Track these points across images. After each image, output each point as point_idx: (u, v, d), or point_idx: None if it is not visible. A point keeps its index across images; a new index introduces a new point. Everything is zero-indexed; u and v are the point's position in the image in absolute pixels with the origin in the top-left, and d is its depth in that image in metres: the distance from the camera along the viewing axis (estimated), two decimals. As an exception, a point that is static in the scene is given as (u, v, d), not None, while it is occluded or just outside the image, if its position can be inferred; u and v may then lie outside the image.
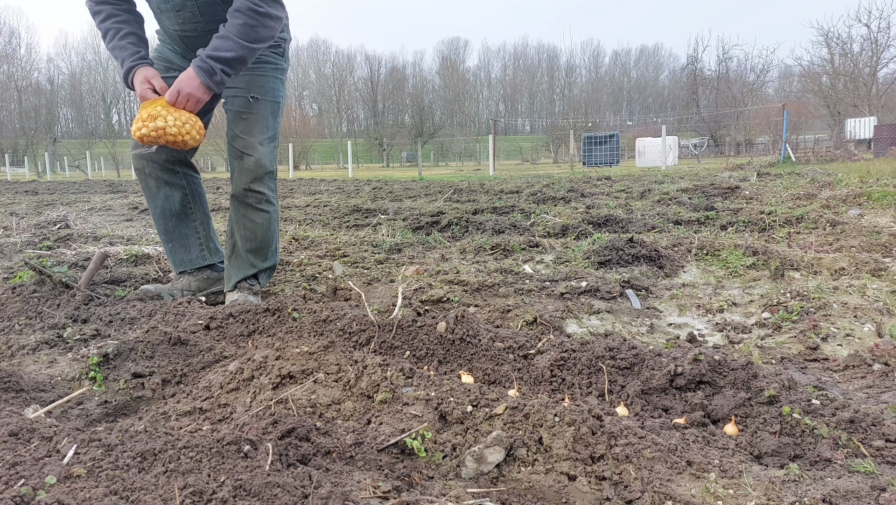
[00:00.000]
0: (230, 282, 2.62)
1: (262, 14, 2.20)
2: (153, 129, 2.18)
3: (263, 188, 2.52)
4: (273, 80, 2.55)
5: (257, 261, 2.61)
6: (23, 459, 1.07)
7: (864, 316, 2.30)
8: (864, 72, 38.68)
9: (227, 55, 2.19)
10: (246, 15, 2.18)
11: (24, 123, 53.22)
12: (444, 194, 8.43)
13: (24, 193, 13.04)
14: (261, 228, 2.57)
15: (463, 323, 1.90)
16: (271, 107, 2.52)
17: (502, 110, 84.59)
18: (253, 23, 2.19)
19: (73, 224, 5.51)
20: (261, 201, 2.54)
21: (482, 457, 1.22)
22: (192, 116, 2.26)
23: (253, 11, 2.18)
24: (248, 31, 2.19)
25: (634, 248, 3.34)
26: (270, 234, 2.61)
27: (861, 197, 5.62)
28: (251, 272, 2.60)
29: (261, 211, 2.55)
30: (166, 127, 2.18)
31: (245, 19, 2.18)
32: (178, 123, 2.19)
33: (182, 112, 2.23)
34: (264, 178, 2.52)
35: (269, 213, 2.57)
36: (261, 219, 2.56)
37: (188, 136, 2.23)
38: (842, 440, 1.34)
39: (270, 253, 2.65)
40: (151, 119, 2.18)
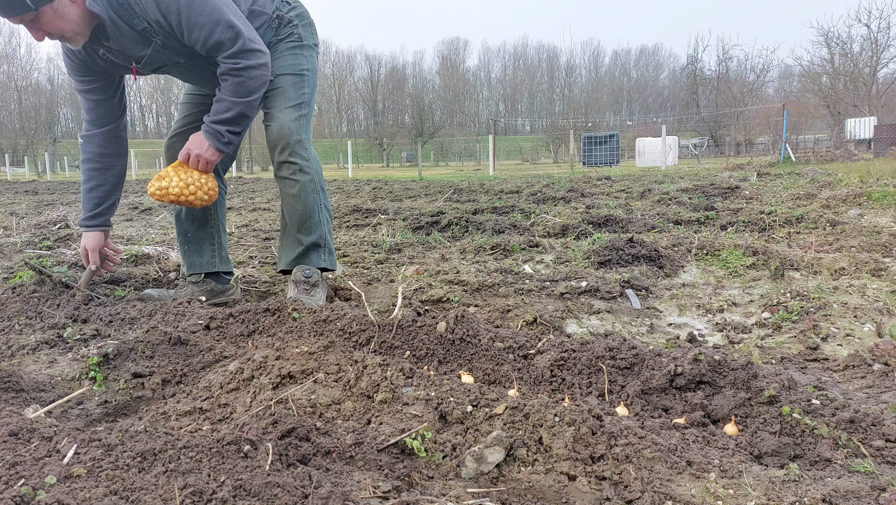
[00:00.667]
0: (281, 261, 2.63)
1: (242, 69, 2.27)
2: (157, 189, 2.33)
3: (295, 158, 2.48)
4: (290, 55, 2.55)
5: (302, 236, 2.57)
6: (23, 458, 1.07)
7: (864, 316, 2.30)
8: (864, 72, 38.68)
9: (227, 115, 2.30)
10: (230, 76, 2.28)
11: (24, 123, 53.22)
12: (444, 194, 8.43)
13: (24, 193, 13.04)
14: (299, 201, 2.53)
15: (463, 323, 1.90)
16: (291, 79, 2.52)
17: (502, 110, 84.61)
18: (239, 80, 2.28)
19: (73, 224, 5.51)
20: (294, 172, 2.50)
21: (482, 457, 1.22)
22: (202, 177, 2.37)
23: (234, 71, 2.27)
24: (238, 89, 2.29)
25: (634, 248, 3.34)
26: (310, 206, 2.55)
27: (861, 197, 5.62)
28: (298, 249, 2.57)
29: (294, 181, 2.51)
30: (169, 188, 2.32)
31: (231, 80, 2.28)
32: (181, 185, 2.32)
33: (192, 173, 2.35)
34: (294, 147, 2.47)
35: (303, 182, 2.51)
36: (295, 190, 2.51)
37: (192, 196, 2.35)
38: (842, 440, 1.34)
39: (314, 225, 2.58)
40: (158, 179, 2.34)
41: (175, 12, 2.17)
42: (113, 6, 2.17)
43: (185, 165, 2.36)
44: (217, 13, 2.19)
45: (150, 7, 2.16)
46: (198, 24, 2.19)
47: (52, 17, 2.08)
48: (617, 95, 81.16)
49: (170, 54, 2.36)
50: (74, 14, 2.12)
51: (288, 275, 2.65)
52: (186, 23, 2.18)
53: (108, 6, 2.16)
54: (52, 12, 2.07)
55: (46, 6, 2.05)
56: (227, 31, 2.21)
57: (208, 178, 2.39)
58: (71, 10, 2.11)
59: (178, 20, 2.18)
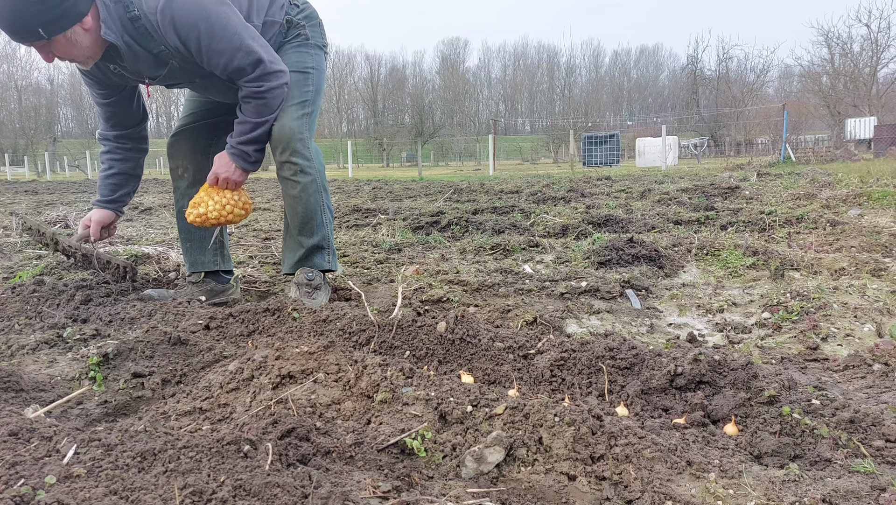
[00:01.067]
0: (284, 264, 2.63)
1: (265, 92, 2.29)
2: (197, 216, 2.38)
3: (297, 158, 2.44)
4: (294, 53, 2.53)
5: (304, 238, 2.55)
6: (23, 458, 1.07)
7: (864, 316, 2.30)
8: (864, 72, 38.68)
9: (253, 135, 2.33)
10: (254, 99, 2.30)
11: (23, 123, 53.20)
12: (444, 194, 8.43)
13: (24, 193, 13.04)
14: (299, 202, 2.50)
15: (463, 323, 1.90)
16: (295, 77, 2.48)
17: (502, 110, 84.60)
18: (262, 101, 2.30)
19: (73, 224, 5.51)
20: (296, 173, 2.46)
21: (482, 457, 1.22)
22: (234, 195, 2.41)
23: (257, 94, 2.29)
24: (262, 110, 2.32)
25: (634, 248, 3.34)
26: (311, 207, 2.51)
27: (861, 197, 5.62)
28: (301, 252, 2.55)
29: (295, 182, 2.48)
30: (207, 213, 2.37)
31: (254, 102, 2.30)
32: (217, 207, 2.37)
33: (224, 194, 2.39)
34: (295, 146, 2.43)
35: (304, 183, 2.48)
36: (297, 191, 2.48)
37: (231, 215, 2.40)
38: (842, 440, 1.34)
39: (316, 227, 2.55)
40: (195, 206, 2.39)
41: (195, 39, 2.15)
42: (128, 30, 2.15)
43: (215, 188, 2.38)
44: (237, 39, 2.18)
45: (169, 34, 2.14)
46: (217, 50, 2.17)
47: (64, 44, 2.07)
48: (617, 95, 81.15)
49: (185, 74, 2.36)
50: (87, 41, 2.11)
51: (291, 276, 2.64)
52: (207, 50, 2.17)
53: (123, 31, 2.15)
54: (64, 40, 2.05)
55: (59, 35, 2.03)
56: (247, 56, 2.20)
57: (241, 193, 2.42)
58: (84, 38, 2.10)
59: (198, 47, 2.17)
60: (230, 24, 2.17)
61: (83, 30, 2.07)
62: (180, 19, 2.11)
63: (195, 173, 2.71)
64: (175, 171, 2.75)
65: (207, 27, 2.14)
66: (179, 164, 2.72)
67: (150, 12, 2.11)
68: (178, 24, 2.12)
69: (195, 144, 2.70)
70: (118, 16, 2.13)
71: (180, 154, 2.71)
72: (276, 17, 2.47)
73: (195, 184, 2.69)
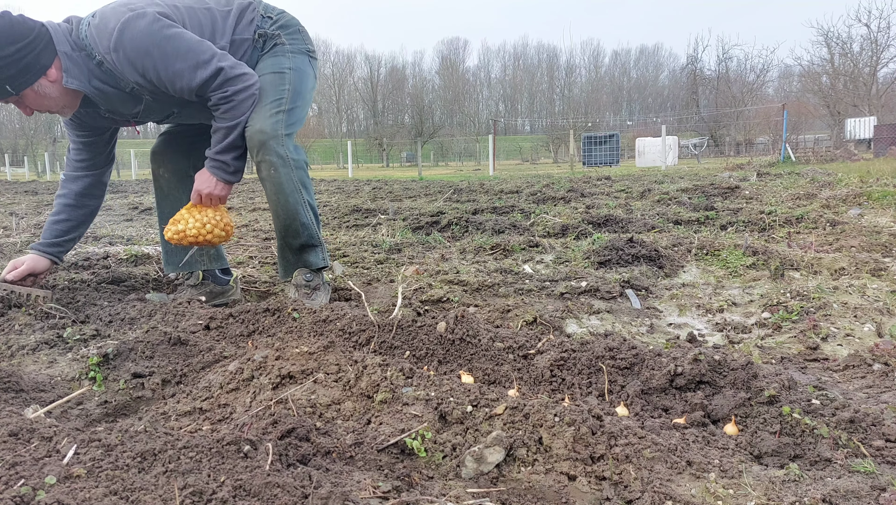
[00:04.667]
0: (280, 270, 2.62)
1: (231, 95, 2.27)
2: (175, 233, 2.33)
3: (271, 156, 2.35)
4: (269, 58, 2.49)
5: (290, 239, 2.50)
6: (23, 459, 1.07)
7: (864, 316, 2.30)
8: (864, 72, 38.68)
9: (228, 141, 2.30)
10: (222, 104, 2.28)
11: (23, 123, 53.18)
12: (444, 194, 8.43)
13: (24, 193, 13.04)
14: (278, 203, 2.42)
15: (463, 323, 1.90)
16: (270, 78, 2.44)
17: (502, 110, 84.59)
18: (230, 105, 2.28)
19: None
20: (270, 173, 2.38)
21: (482, 457, 1.22)
22: (216, 214, 2.37)
23: (224, 99, 2.27)
24: (232, 113, 2.29)
25: (634, 248, 3.34)
26: (292, 207, 2.43)
27: (861, 197, 5.62)
28: (291, 255, 2.52)
29: (270, 182, 2.39)
30: (186, 230, 2.32)
31: (223, 106, 2.28)
32: (197, 226, 2.32)
33: (206, 212, 2.35)
34: (268, 144, 2.34)
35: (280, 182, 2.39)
36: (273, 190, 2.40)
37: (210, 235, 2.35)
38: (842, 440, 1.34)
39: (301, 227, 2.47)
40: (174, 223, 2.34)
41: (152, 68, 2.16)
42: (96, 75, 2.19)
43: (199, 206, 2.35)
44: (191, 56, 2.18)
45: (127, 70, 2.17)
46: (177, 73, 2.18)
47: (34, 98, 2.12)
48: (617, 95, 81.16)
49: (162, 105, 2.38)
50: (56, 92, 2.16)
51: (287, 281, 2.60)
52: (166, 76, 2.18)
53: (91, 76, 2.19)
54: (34, 94, 2.11)
55: (27, 89, 2.09)
56: (205, 69, 2.19)
57: (223, 213, 2.38)
58: (51, 90, 2.15)
59: (157, 75, 2.18)
60: (182, 43, 2.18)
61: (49, 82, 2.13)
62: (132, 52, 2.13)
63: (174, 175, 2.72)
64: (156, 172, 2.76)
65: (160, 53, 2.15)
66: (160, 165, 2.74)
67: (106, 52, 2.14)
68: (132, 58, 2.14)
69: (176, 148, 2.73)
70: (84, 64, 2.17)
71: (160, 158, 2.73)
72: (244, 35, 2.44)
73: (176, 186, 2.71)
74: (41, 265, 2.51)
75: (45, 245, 2.53)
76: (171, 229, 2.34)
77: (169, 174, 2.73)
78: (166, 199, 2.74)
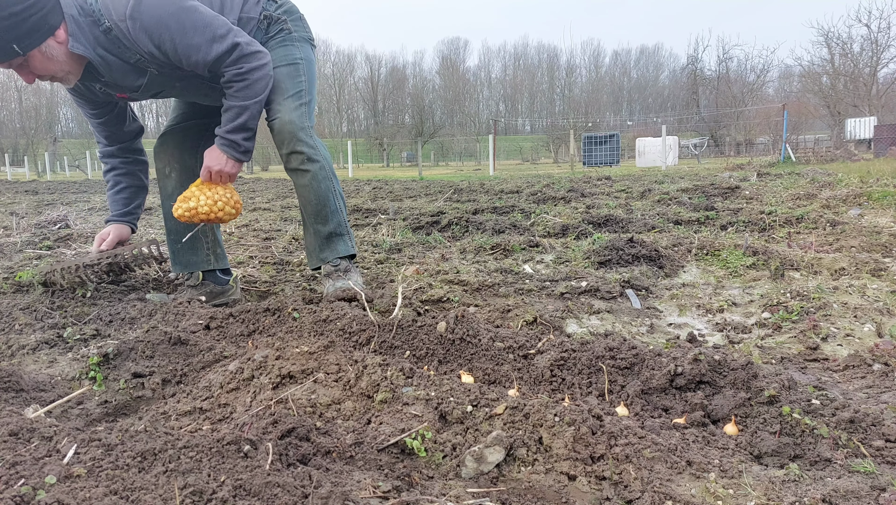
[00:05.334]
0: (309, 259, 2.61)
1: (246, 73, 2.24)
2: (186, 210, 2.31)
3: (302, 147, 2.41)
4: (280, 48, 2.51)
5: (319, 226, 2.52)
6: (23, 458, 1.07)
7: (864, 316, 2.30)
8: (864, 72, 38.67)
9: (239, 121, 2.28)
10: (236, 82, 2.25)
11: (24, 123, 53.24)
12: (445, 194, 8.43)
13: (25, 193, 13.04)
14: (311, 190, 2.47)
15: (463, 323, 1.90)
16: (286, 70, 2.46)
17: (502, 110, 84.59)
18: (245, 83, 2.25)
19: (73, 224, 5.52)
20: (303, 161, 2.43)
21: (482, 457, 1.22)
22: (227, 192, 2.36)
23: (239, 76, 2.24)
24: (246, 92, 2.27)
25: (634, 248, 3.34)
26: (323, 194, 2.48)
27: (861, 197, 5.62)
28: (319, 242, 2.54)
29: (304, 171, 2.45)
30: (198, 207, 2.30)
31: (237, 85, 2.25)
32: (209, 203, 2.31)
33: (216, 189, 2.34)
34: (299, 136, 2.40)
35: (312, 171, 2.45)
36: (306, 179, 2.45)
37: (221, 212, 2.34)
38: (842, 440, 1.34)
39: (330, 214, 2.51)
40: (185, 200, 2.32)
41: (168, 40, 2.13)
42: (102, 43, 2.14)
43: (208, 183, 2.34)
44: (209, 31, 2.16)
45: (142, 40, 2.12)
46: (192, 45, 2.15)
47: (40, 60, 2.05)
48: (617, 95, 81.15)
49: (165, 80, 2.34)
50: (62, 56, 2.09)
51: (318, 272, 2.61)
52: (182, 48, 2.15)
53: (97, 44, 2.14)
54: (40, 55, 2.04)
55: (35, 50, 2.02)
56: (221, 43, 2.18)
57: (232, 191, 2.37)
58: (58, 52, 2.07)
59: (173, 47, 2.15)
60: (199, 17, 2.15)
61: (57, 43, 2.06)
62: (149, 22, 2.10)
63: (181, 173, 2.70)
64: (161, 171, 2.74)
65: (178, 24, 2.12)
66: (166, 164, 2.71)
67: (120, 20, 2.10)
68: (149, 28, 2.10)
69: (182, 145, 2.70)
70: (89, 30, 2.12)
71: (167, 154, 2.70)
72: (251, 14, 2.45)
73: (181, 185, 2.68)
74: (124, 232, 2.63)
75: (119, 214, 2.61)
76: (181, 206, 2.31)
77: (176, 173, 2.71)
78: (170, 198, 2.72)
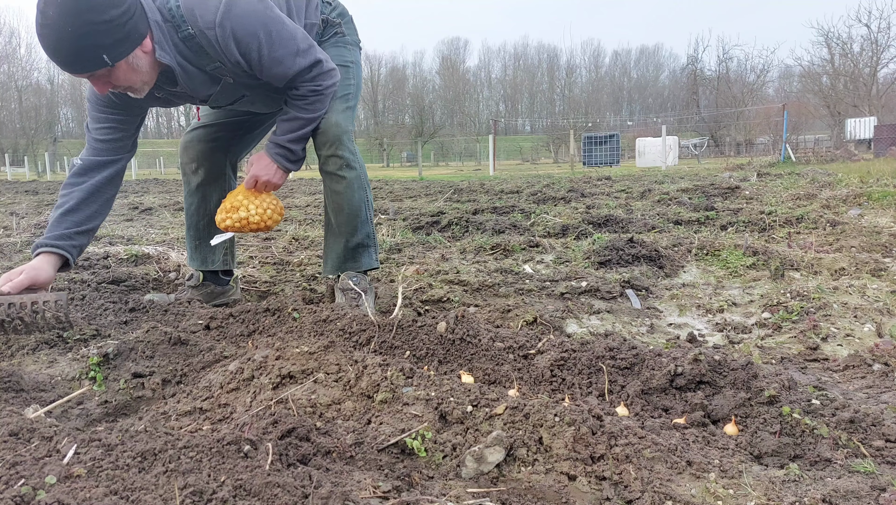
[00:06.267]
0: (327, 264, 2.55)
1: (324, 90, 2.23)
2: (237, 221, 2.22)
3: (344, 151, 2.37)
4: (333, 49, 2.49)
5: (348, 236, 2.48)
6: (23, 458, 1.07)
7: (864, 316, 2.30)
8: (864, 72, 38.68)
9: (302, 132, 2.26)
10: (311, 96, 2.22)
11: (24, 123, 53.25)
12: (445, 194, 8.43)
13: (25, 193, 13.04)
14: (344, 198, 2.42)
15: (463, 323, 1.90)
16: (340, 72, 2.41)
17: (502, 110, 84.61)
18: (318, 98, 2.24)
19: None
20: (341, 167, 2.38)
21: (482, 457, 1.22)
22: (273, 200, 2.31)
23: (315, 92, 2.22)
24: (317, 107, 2.25)
25: (634, 248, 3.34)
26: (356, 204, 2.44)
27: (861, 197, 5.62)
28: (345, 252, 2.49)
29: (341, 177, 2.40)
30: (249, 217, 2.23)
31: (311, 99, 2.22)
32: (259, 211, 2.24)
33: (263, 197, 2.28)
34: (343, 140, 2.36)
35: (349, 179, 2.40)
36: (342, 186, 2.41)
37: (270, 220, 2.29)
38: (842, 440, 1.34)
39: (360, 224, 2.46)
40: (234, 210, 2.23)
41: (255, 49, 2.06)
42: (180, 50, 2.04)
43: (252, 191, 2.27)
44: (293, 44, 2.12)
45: (230, 48, 2.04)
46: (277, 59, 2.10)
47: (125, 70, 1.91)
48: (617, 95, 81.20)
49: (236, 89, 2.27)
50: (147, 65, 1.97)
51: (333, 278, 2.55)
52: (267, 59, 2.09)
53: (177, 52, 2.03)
54: (126, 66, 1.91)
55: (122, 60, 1.88)
56: (305, 59, 2.15)
57: (274, 197, 2.33)
58: (143, 62, 1.96)
59: (259, 57, 2.08)
60: (285, 29, 2.11)
61: (143, 53, 1.94)
62: (240, 30, 2.03)
63: (209, 170, 2.61)
64: (187, 165, 2.63)
65: (266, 35, 2.07)
66: (193, 158, 2.60)
67: (208, 27, 2.01)
68: (238, 36, 2.03)
69: (214, 143, 2.60)
70: (170, 37, 2.01)
71: (194, 150, 2.60)
72: (313, 19, 2.43)
73: (209, 182, 2.61)
74: (45, 274, 2.08)
75: (55, 238, 2.12)
76: (230, 217, 2.23)
77: (205, 172, 2.61)
78: (194, 194, 2.64)
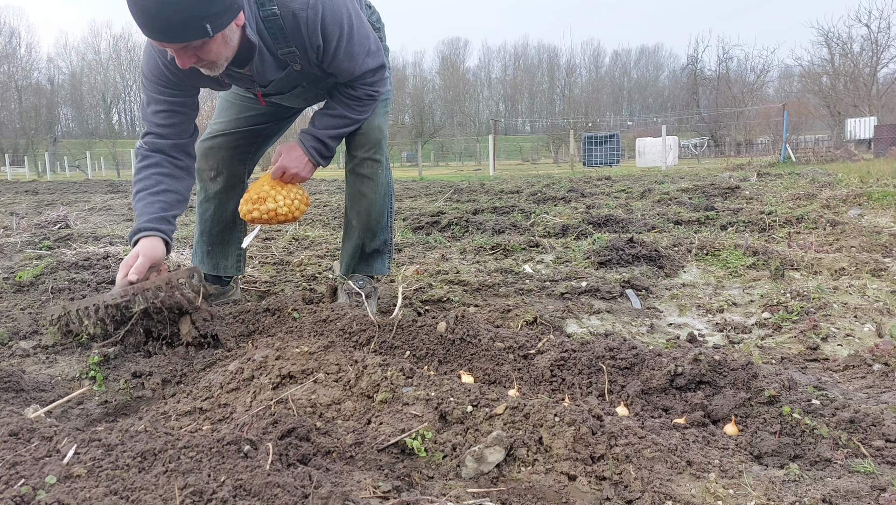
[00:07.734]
0: (342, 264, 2.55)
1: (377, 95, 2.24)
2: (265, 212, 2.14)
3: (380, 156, 2.38)
4: None
5: (367, 240, 2.48)
6: (23, 458, 1.07)
7: (864, 316, 2.30)
8: (864, 72, 38.68)
9: (344, 130, 2.25)
10: (365, 98, 2.22)
11: (24, 123, 53.22)
12: (445, 194, 8.43)
13: (25, 193, 13.04)
14: (370, 203, 2.42)
15: (463, 323, 1.90)
16: None
17: (502, 110, 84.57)
18: (370, 101, 2.24)
19: (73, 224, 5.51)
20: (374, 172, 2.38)
21: (482, 457, 1.22)
22: (299, 190, 2.25)
23: (370, 96, 2.22)
24: (365, 109, 2.25)
25: (634, 248, 3.34)
26: (380, 209, 2.45)
27: (861, 197, 5.62)
28: (361, 254, 2.49)
29: (371, 181, 2.39)
30: (277, 208, 2.15)
31: (364, 101, 2.22)
32: (287, 202, 2.16)
33: (290, 188, 2.20)
34: (381, 145, 2.38)
35: (380, 183, 2.40)
36: (370, 189, 2.40)
37: (297, 211, 2.22)
38: (842, 440, 1.34)
39: (381, 230, 2.48)
40: (261, 202, 2.14)
41: (336, 39, 2.03)
42: (259, 30, 1.97)
43: (279, 181, 2.21)
44: (367, 43, 2.11)
45: (314, 32, 1.98)
46: (351, 53, 2.08)
47: (219, 43, 1.83)
48: (617, 95, 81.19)
49: (297, 78, 2.20)
50: (236, 40, 1.89)
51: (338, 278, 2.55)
52: (343, 52, 2.07)
53: (256, 30, 1.97)
54: (221, 38, 1.82)
55: (220, 32, 1.79)
56: (373, 60, 2.14)
57: (300, 187, 2.27)
58: (235, 36, 1.88)
59: (336, 47, 2.05)
60: (364, 27, 2.11)
61: (237, 26, 1.86)
62: (329, 16, 1.99)
63: (228, 178, 2.53)
64: (206, 172, 2.53)
65: (349, 28, 2.05)
66: (213, 167, 2.51)
67: (300, 9, 1.94)
68: (327, 21, 2.00)
69: (234, 151, 2.52)
70: (252, 15, 1.94)
71: (215, 158, 2.50)
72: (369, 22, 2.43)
73: (227, 189, 2.53)
74: (158, 251, 2.01)
75: (154, 221, 2.04)
76: (258, 208, 2.14)
77: (224, 179, 2.52)
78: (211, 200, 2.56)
